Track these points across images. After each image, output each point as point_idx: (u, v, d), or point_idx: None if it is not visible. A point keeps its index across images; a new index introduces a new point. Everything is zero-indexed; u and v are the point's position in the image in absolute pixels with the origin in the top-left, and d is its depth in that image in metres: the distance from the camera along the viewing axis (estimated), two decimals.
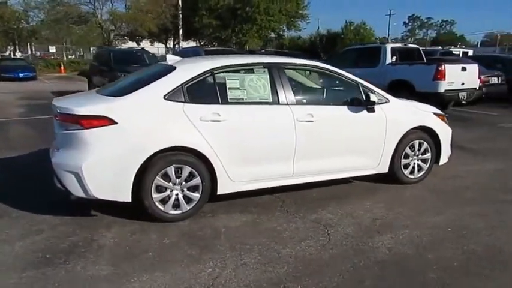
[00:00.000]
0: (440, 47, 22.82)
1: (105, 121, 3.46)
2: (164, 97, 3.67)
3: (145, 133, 3.57)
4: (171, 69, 3.89)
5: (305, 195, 4.43)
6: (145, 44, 35.35)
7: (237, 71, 4.04)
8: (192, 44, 35.02)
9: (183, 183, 3.74)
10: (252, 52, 18.33)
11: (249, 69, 4.12)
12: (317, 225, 3.74)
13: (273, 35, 35.11)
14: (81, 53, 41.60)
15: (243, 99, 3.96)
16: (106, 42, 31.07)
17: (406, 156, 4.76)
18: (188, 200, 3.79)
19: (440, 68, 9.38)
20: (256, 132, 3.96)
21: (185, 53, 14.83)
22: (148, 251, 3.26)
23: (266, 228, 3.69)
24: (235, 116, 3.85)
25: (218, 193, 3.91)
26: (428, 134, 4.84)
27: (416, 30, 70.40)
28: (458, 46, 30.77)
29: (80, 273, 2.93)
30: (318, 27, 43.47)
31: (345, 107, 4.37)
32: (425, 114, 4.90)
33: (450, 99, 9.70)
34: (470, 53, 19.14)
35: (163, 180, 3.66)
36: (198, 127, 3.71)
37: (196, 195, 3.80)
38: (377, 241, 3.45)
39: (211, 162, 3.77)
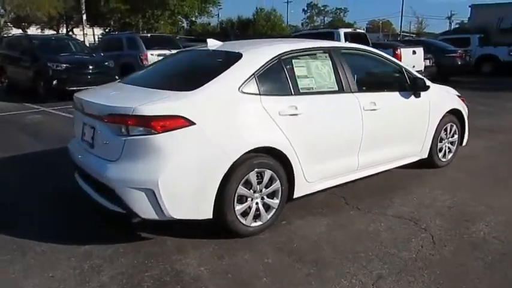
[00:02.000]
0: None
1: (182, 122, 2.77)
2: (239, 89, 3.07)
3: (226, 134, 2.94)
4: (237, 55, 3.26)
5: (355, 189, 4.11)
6: (34, 32, 31.17)
7: (302, 57, 3.56)
8: (97, 31, 32.16)
9: (263, 189, 3.20)
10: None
11: (312, 54, 3.64)
12: (404, 221, 3.49)
13: (185, 21, 33.77)
14: None
15: (312, 88, 3.51)
16: None
17: (441, 139, 4.73)
18: (267, 208, 3.26)
19: (396, 52, 9.76)
20: (328, 125, 3.54)
21: (115, 41, 13.48)
22: (259, 276, 2.70)
23: (357, 231, 3.33)
24: (309, 108, 3.38)
25: (294, 197, 3.44)
26: (456, 116, 4.86)
27: (315, 17, 73.59)
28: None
29: None
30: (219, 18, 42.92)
31: (397, 93, 4.15)
32: (454, 97, 4.91)
33: None
34: None
35: (245, 189, 3.08)
36: (278, 123, 3.17)
37: (275, 202, 3.29)
38: (477, 231, 3.30)
39: (291, 162, 3.27)
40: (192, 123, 2.79)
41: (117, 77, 11.25)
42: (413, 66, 10.34)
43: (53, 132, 7.05)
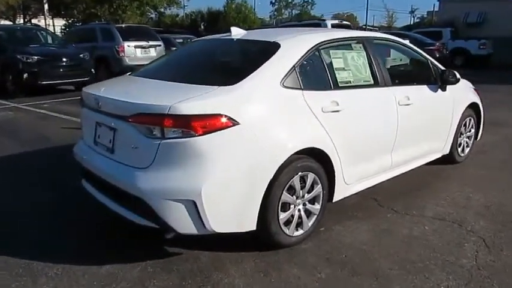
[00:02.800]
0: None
1: (226, 121, 2.39)
2: (281, 83, 2.72)
3: (271, 134, 2.59)
4: (274, 45, 2.90)
5: (383, 189, 3.82)
6: None
7: (338, 47, 3.25)
8: (61, 21, 30.59)
9: (305, 195, 2.88)
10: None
11: (347, 44, 3.34)
12: (448, 223, 3.27)
13: (154, 12, 32.66)
14: None
15: (350, 82, 3.21)
16: None
17: (460, 134, 4.57)
18: (308, 215, 2.94)
19: None
20: (366, 121, 3.26)
21: (88, 32, 12.70)
22: None
23: (403, 236, 3.07)
24: (349, 104, 3.08)
25: (334, 200, 3.14)
26: (474, 110, 4.71)
27: (283, 10, 73.36)
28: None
29: None
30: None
31: (425, 87, 3.93)
32: (471, 90, 4.75)
33: None
34: None
35: (289, 195, 2.75)
36: (321, 121, 2.86)
37: (316, 208, 2.98)
38: None
39: (333, 163, 2.97)
40: (236, 122, 2.42)
41: (93, 71, 10.62)
42: (401, 60, 10.29)
43: (31, 131, 6.46)
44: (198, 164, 2.34)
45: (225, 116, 2.39)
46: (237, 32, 3.33)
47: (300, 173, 2.75)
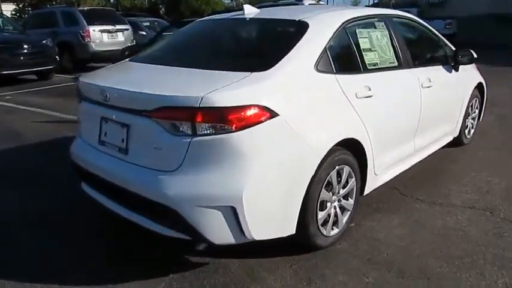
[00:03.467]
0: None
1: (264, 113, 2.07)
2: (315, 67, 2.41)
3: (310, 125, 2.29)
4: (302, 25, 2.57)
5: (400, 177, 3.59)
6: None
7: (364, 26, 2.96)
8: (9, 6, 28.53)
9: (341, 190, 2.62)
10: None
11: (371, 23, 3.06)
12: (479, 211, 3.10)
13: None
14: None
15: (377, 64, 2.94)
16: None
17: (467, 115, 4.45)
18: (342, 211, 2.69)
19: None
20: (394, 106, 3.02)
21: (47, 16, 11.79)
22: None
23: (439, 228, 2.87)
24: (379, 88, 2.82)
25: (364, 194, 2.90)
26: (479, 90, 4.59)
27: None
28: None
29: None
30: None
31: (441, 67, 3.74)
32: (476, 70, 4.62)
33: None
34: None
35: (326, 192, 2.47)
36: (356, 108, 2.59)
37: (350, 203, 2.73)
38: None
39: (366, 154, 2.72)
40: (275, 114, 2.10)
41: (57, 58, 9.85)
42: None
43: None
44: (237, 164, 2.01)
45: (264, 107, 2.07)
46: (250, 11, 2.97)
47: (337, 167, 2.48)
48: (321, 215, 2.46)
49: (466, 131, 4.50)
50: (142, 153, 2.18)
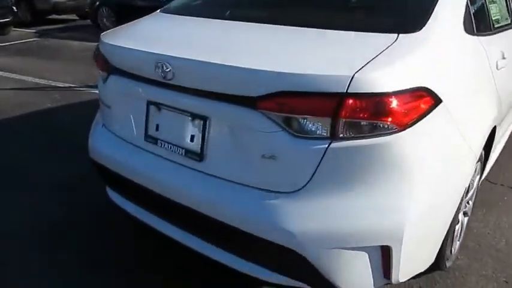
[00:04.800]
0: None
1: (427, 100, 1.33)
2: (464, 29, 1.67)
3: (469, 115, 1.58)
4: None
5: None
6: None
7: None
8: None
9: (469, 192, 1.97)
10: None
11: None
12: None
13: None
14: None
15: (499, 21, 2.22)
16: None
17: None
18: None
19: None
20: None
21: None
22: None
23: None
24: (509, 54, 2.13)
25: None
26: None
27: None
28: None
29: None
30: None
31: None
32: None
33: None
34: None
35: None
36: (497, 83, 1.90)
37: (470, 207, 2.11)
38: None
39: (493, 143, 2.06)
40: (438, 100, 1.37)
41: (14, 9, 8.48)
42: None
43: None
44: (401, 182, 1.29)
45: (427, 90, 1.33)
46: None
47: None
48: (457, 230, 1.82)
49: None
50: (235, 163, 1.40)
